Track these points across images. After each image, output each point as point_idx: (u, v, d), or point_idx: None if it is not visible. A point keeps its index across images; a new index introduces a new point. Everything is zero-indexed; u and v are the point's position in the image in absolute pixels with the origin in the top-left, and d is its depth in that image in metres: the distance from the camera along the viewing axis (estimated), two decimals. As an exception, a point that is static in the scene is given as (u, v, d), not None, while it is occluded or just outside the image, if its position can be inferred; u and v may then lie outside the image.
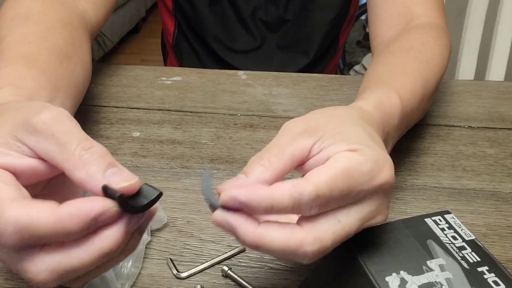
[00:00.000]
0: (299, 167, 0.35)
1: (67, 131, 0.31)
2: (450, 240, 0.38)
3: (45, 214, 0.28)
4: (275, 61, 0.92)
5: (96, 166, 0.30)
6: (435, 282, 0.34)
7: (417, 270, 0.35)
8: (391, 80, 0.50)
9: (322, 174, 0.31)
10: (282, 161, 0.33)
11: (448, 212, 0.41)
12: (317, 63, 0.95)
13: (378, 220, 0.35)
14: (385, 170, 0.34)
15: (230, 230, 0.32)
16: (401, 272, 0.35)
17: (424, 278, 0.34)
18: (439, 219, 0.40)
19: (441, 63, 0.59)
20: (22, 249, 0.29)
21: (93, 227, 0.29)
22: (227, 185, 0.32)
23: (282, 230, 0.31)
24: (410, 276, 0.34)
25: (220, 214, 0.32)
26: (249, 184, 0.32)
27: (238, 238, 0.32)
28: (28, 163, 0.31)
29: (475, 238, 0.38)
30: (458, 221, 0.40)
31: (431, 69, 0.56)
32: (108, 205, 0.29)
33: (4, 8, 0.56)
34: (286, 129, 0.36)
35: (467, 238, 0.38)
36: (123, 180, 0.30)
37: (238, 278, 0.43)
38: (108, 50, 2.91)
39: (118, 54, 3.09)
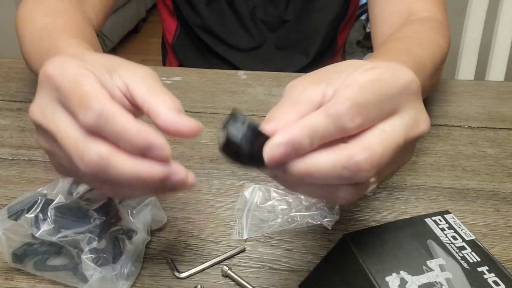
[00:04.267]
0: None
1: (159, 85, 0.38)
2: (450, 240, 0.38)
3: (126, 116, 0.33)
4: (274, 61, 0.92)
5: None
6: (435, 282, 0.34)
7: (417, 270, 0.35)
8: (378, 56, 0.51)
9: (349, 87, 0.31)
10: (298, 104, 0.33)
11: (448, 212, 0.41)
12: (316, 63, 0.95)
13: (422, 127, 0.34)
14: (405, 71, 0.33)
15: (281, 163, 0.31)
16: (401, 272, 0.35)
17: (424, 278, 0.34)
18: (439, 219, 0.40)
19: (436, 48, 0.58)
20: (91, 132, 0.33)
21: (146, 153, 0.33)
22: None
23: (329, 150, 0.31)
24: (410, 276, 0.34)
25: (273, 145, 0.30)
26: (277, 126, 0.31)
27: (286, 170, 0.31)
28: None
29: (475, 238, 0.38)
30: (458, 221, 0.40)
31: (424, 50, 0.56)
32: (166, 147, 0.33)
33: (29, 4, 0.62)
34: (293, 86, 0.35)
35: (467, 238, 0.38)
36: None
37: (238, 278, 0.43)
38: (108, 50, 2.91)
39: (118, 54, 3.06)
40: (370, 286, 0.34)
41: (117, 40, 3.10)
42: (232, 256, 0.46)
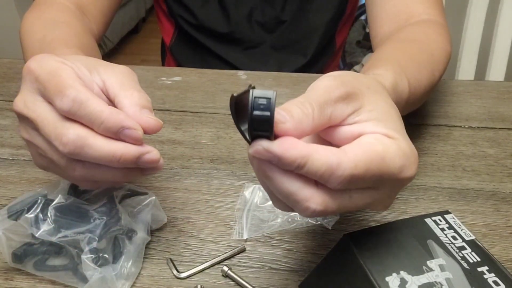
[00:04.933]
0: (326, 130, 0.34)
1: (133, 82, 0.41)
2: (450, 240, 0.38)
3: (99, 101, 0.36)
4: (272, 61, 0.92)
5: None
6: (435, 282, 0.34)
7: (417, 270, 0.35)
8: (402, 65, 0.49)
9: (361, 154, 0.31)
10: (320, 118, 0.32)
11: (448, 212, 0.41)
12: (313, 63, 0.95)
13: (379, 208, 0.36)
14: (413, 166, 0.33)
15: (261, 163, 0.31)
16: (401, 272, 0.35)
17: (424, 278, 0.34)
18: (439, 219, 0.40)
19: (444, 57, 0.59)
20: (67, 116, 0.37)
21: (119, 134, 0.36)
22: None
23: (297, 178, 0.31)
24: (410, 276, 0.34)
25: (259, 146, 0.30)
26: (287, 132, 0.31)
27: (258, 165, 0.31)
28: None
29: (475, 238, 0.38)
30: (458, 221, 0.40)
31: (436, 61, 0.56)
32: (137, 127, 0.37)
33: (31, 16, 0.66)
34: (326, 86, 0.33)
35: (467, 238, 0.38)
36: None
37: (238, 278, 0.43)
38: (108, 50, 2.91)
39: (118, 55, 3.10)
40: (370, 286, 0.34)
41: (117, 40, 3.09)
42: (232, 256, 0.46)
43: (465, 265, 0.36)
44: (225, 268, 0.44)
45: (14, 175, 0.56)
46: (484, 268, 0.36)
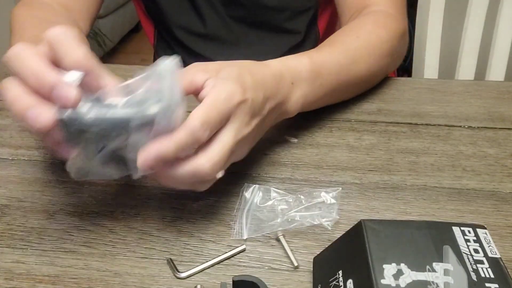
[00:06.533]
0: (197, 96, 0.46)
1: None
2: (469, 252, 0.36)
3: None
4: (255, 50, 0.91)
5: None
6: (432, 282, 0.33)
7: (419, 267, 0.34)
8: (310, 51, 0.61)
9: (198, 108, 0.42)
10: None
11: (483, 227, 0.39)
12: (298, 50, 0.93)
13: (245, 131, 0.46)
14: (237, 95, 0.44)
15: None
16: (402, 264, 0.34)
17: (422, 276, 0.34)
18: (469, 231, 0.39)
19: (374, 40, 0.66)
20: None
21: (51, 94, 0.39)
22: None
23: (184, 162, 0.43)
24: (409, 270, 0.34)
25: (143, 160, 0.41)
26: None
27: (159, 175, 0.44)
28: None
29: (500, 258, 0.37)
30: (489, 238, 0.39)
31: (360, 42, 0.65)
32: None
33: (22, 14, 0.71)
34: (191, 66, 0.48)
35: (490, 255, 0.37)
36: None
37: (287, 246, 0.46)
38: (108, 49, 2.91)
39: (118, 54, 3.10)
40: (366, 269, 0.34)
41: (117, 39, 3.10)
42: (232, 256, 0.46)
43: (474, 277, 0.35)
44: (279, 233, 0.47)
45: (14, 175, 0.56)
46: (493, 285, 0.34)
